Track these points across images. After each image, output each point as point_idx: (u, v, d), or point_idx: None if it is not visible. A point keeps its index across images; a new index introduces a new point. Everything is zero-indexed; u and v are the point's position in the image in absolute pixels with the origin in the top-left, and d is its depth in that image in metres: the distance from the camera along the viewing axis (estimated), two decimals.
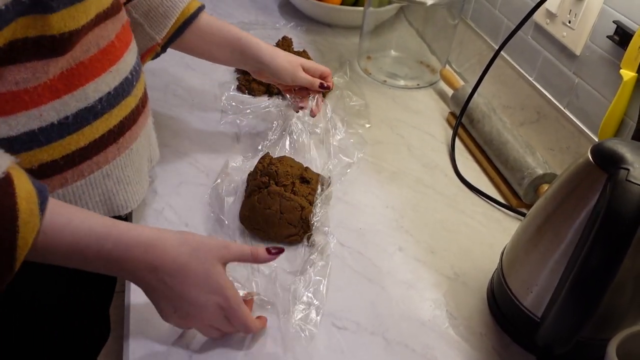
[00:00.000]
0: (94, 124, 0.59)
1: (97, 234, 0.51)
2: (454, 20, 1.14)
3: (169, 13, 0.80)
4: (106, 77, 0.59)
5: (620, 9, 0.77)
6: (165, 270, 0.54)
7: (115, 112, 0.61)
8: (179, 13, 0.80)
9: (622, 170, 0.51)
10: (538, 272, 0.61)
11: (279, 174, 0.75)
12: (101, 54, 0.59)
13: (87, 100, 0.57)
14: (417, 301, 0.69)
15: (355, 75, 1.15)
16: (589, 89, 0.84)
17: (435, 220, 0.82)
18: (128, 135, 0.64)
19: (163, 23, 0.80)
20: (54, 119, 0.55)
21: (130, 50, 0.65)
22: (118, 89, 0.61)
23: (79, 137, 0.57)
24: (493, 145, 0.92)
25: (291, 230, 0.73)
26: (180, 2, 0.81)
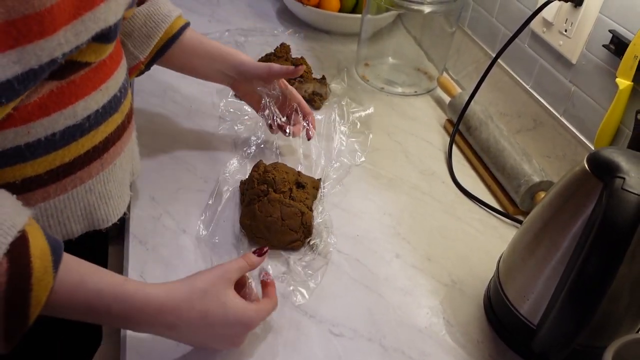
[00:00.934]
0: (80, 140, 0.58)
1: (107, 296, 0.52)
2: (452, 27, 1.14)
3: (151, 34, 0.81)
4: (96, 95, 0.59)
5: (616, 18, 0.78)
6: (184, 326, 0.55)
7: (102, 128, 0.61)
8: (161, 33, 0.81)
9: (618, 179, 0.51)
10: (534, 279, 0.61)
11: (276, 181, 0.76)
12: (92, 72, 0.58)
13: (76, 117, 0.57)
14: (414, 308, 0.70)
15: (353, 82, 1.16)
16: (585, 97, 0.85)
17: (432, 227, 0.82)
18: (112, 151, 0.64)
19: (146, 43, 0.81)
20: (41, 136, 0.54)
21: (120, 67, 0.65)
22: (106, 106, 0.61)
23: (64, 153, 0.57)
24: (490, 153, 0.92)
25: (293, 236, 0.73)
26: (163, 23, 0.81)
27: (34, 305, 0.47)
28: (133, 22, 0.80)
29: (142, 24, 0.80)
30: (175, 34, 0.83)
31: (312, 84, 1.07)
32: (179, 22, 0.84)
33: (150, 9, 0.81)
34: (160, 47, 0.82)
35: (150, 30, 0.81)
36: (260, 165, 0.80)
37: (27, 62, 0.47)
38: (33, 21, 0.46)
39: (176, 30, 0.83)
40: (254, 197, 0.75)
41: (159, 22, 0.81)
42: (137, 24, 0.80)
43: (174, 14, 0.83)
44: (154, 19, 0.81)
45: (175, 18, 0.83)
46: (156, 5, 0.82)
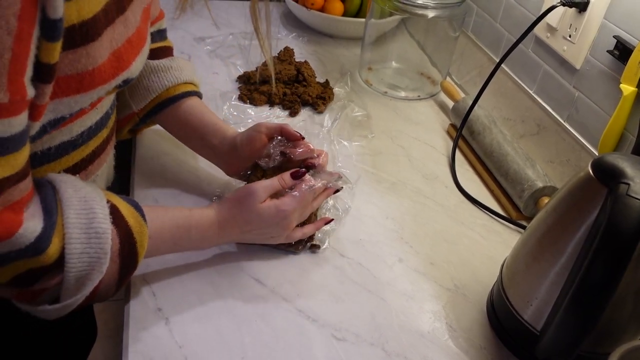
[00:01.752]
0: (72, 153, 0.60)
1: (184, 227, 0.64)
2: (455, 32, 1.14)
3: (153, 87, 0.79)
4: (92, 113, 0.61)
5: (620, 24, 0.78)
6: (241, 229, 0.68)
7: (91, 143, 0.63)
8: (161, 91, 0.79)
9: (623, 184, 0.51)
10: (538, 285, 0.61)
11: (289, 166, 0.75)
12: None
13: (71, 134, 0.59)
14: (416, 313, 0.69)
15: (357, 86, 1.16)
16: (589, 102, 0.85)
17: (435, 232, 0.82)
18: (97, 163, 0.66)
19: (143, 96, 0.79)
20: (37, 149, 0.56)
21: None
22: (99, 123, 0.63)
23: (55, 166, 0.59)
24: (493, 158, 0.92)
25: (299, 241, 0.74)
26: (165, 81, 0.79)
27: (139, 253, 0.58)
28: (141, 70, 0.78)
29: (147, 76, 0.79)
30: (174, 97, 0.79)
31: (316, 88, 1.07)
32: (182, 87, 0.80)
33: (161, 65, 0.80)
34: (155, 105, 0.79)
35: (152, 83, 0.79)
36: (257, 170, 0.76)
37: (59, 112, 0.53)
38: (73, 80, 0.51)
39: (176, 94, 0.79)
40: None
41: (162, 79, 0.79)
42: (143, 73, 0.79)
43: (183, 78, 0.80)
44: (159, 75, 0.79)
45: (182, 82, 0.80)
46: (171, 63, 0.81)
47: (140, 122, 0.82)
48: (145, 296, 0.65)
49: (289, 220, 0.69)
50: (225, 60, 1.16)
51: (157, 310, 0.64)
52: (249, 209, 0.67)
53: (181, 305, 0.65)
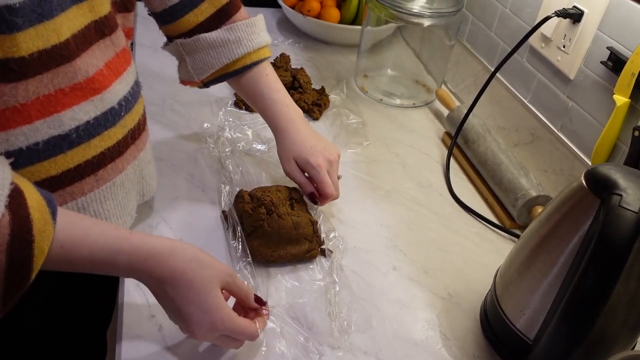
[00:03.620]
0: (68, 153, 0.56)
1: (112, 248, 0.52)
2: (451, 41, 1.15)
3: (212, 63, 0.79)
4: (86, 105, 0.56)
5: (613, 35, 0.79)
6: (171, 283, 0.55)
7: (95, 142, 0.58)
8: (221, 66, 0.80)
9: (615, 195, 0.51)
10: (531, 294, 0.61)
11: (274, 202, 0.73)
12: (86, 82, 0.56)
13: (62, 127, 0.54)
14: (410, 321, 0.69)
15: (352, 93, 1.16)
16: (582, 112, 0.85)
17: (429, 240, 0.83)
18: (110, 168, 0.61)
19: (204, 69, 0.80)
20: (22, 144, 0.52)
21: (121, 79, 0.61)
22: (100, 118, 0.58)
23: (50, 165, 0.54)
24: (487, 166, 0.93)
25: (309, 245, 0.73)
26: (225, 57, 0.79)
27: (37, 257, 0.45)
28: (197, 44, 0.78)
29: (205, 50, 0.79)
30: (237, 70, 0.81)
31: (311, 95, 1.08)
32: (247, 59, 0.81)
33: (219, 37, 0.78)
34: (218, 77, 0.82)
35: (212, 59, 0.79)
36: (243, 194, 0.75)
37: None
38: None
39: (238, 67, 0.81)
40: (257, 221, 0.72)
41: (220, 55, 0.79)
42: (200, 47, 0.78)
43: (240, 52, 0.80)
44: (217, 50, 0.79)
45: (240, 56, 0.80)
46: (228, 35, 0.79)
47: (204, 86, 0.84)
48: (139, 302, 0.65)
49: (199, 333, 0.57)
50: None
51: (150, 317, 0.64)
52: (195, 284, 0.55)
53: None
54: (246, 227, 0.73)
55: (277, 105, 0.81)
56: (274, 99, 0.82)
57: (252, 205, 0.74)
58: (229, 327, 0.57)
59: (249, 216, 0.73)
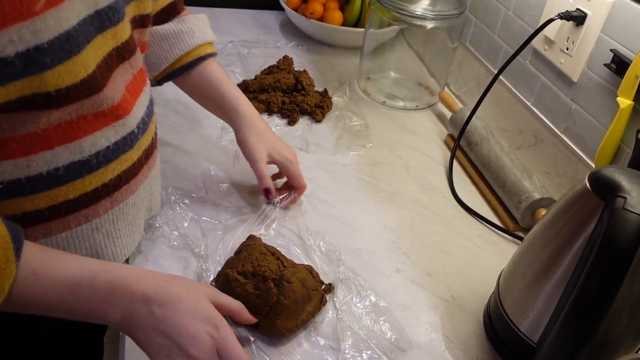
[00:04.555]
0: (87, 177, 0.55)
1: (90, 269, 0.51)
2: (454, 43, 1.15)
3: (165, 57, 0.79)
4: (107, 131, 0.55)
5: (617, 37, 0.79)
6: (157, 300, 0.52)
7: (113, 166, 0.57)
8: (175, 58, 0.79)
9: (619, 198, 0.51)
10: (535, 297, 0.61)
11: (274, 270, 0.66)
12: (110, 109, 0.55)
13: (82, 153, 0.53)
14: (413, 324, 0.69)
15: (355, 95, 1.16)
16: (586, 115, 0.85)
17: (432, 242, 0.82)
18: (125, 189, 0.60)
19: (157, 64, 0.79)
20: (42, 170, 0.51)
21: (139, 102, 0.60)
22: (119, 143, 0.57)
23: (68, 190, 0.54)
24: (491, 168, 0.93)
25: (319, 295, 0.67)
26: (177, 50, 0.78)
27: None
28: (151, 38, 0.76)
29: (158, 44, 0.78)
30: (186, 65, 0.80)
31: (314, 97, 1.08)
32: (196, 52, 0.80)
33: (171, 29, 0.78)
34: (170, 72, 0.81)
35: (163, 52, 0.78)
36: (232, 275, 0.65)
37: None
38: None
39: (189, 61, 0.80)
40: (271, 298, 0.63)
41: (173, 47, 0.78)
42: (152, 40, 0.77)
43: (194, 42, 0.79)
44: (170, 42, 0.78)
45: (194, 47, 0.79)
46: (181, 26, 0.79)
47: (157, 84, 0.82)
48: None
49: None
50: (225, 69, 1.16)
51: None
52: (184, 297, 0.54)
53: None
54: (258, 309, 0.63)
55: (237, 97, 0.81)
56: (232, 91, 0.82)
57: (253, 283, 0.65)
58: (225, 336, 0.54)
59: (257, 297, 0.64)
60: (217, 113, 0.85)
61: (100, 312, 0.52)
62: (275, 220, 0.80)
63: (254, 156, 0.79)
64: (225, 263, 0.70)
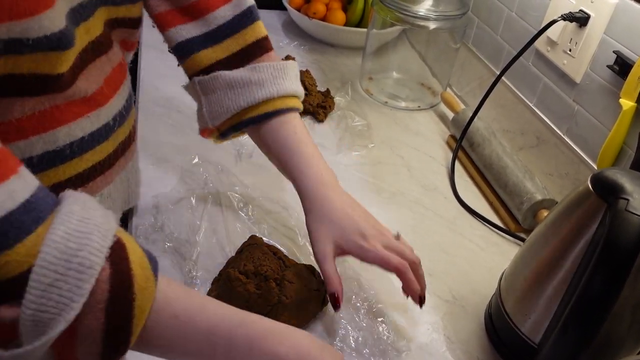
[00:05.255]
0: (61, 167, 0.53)
1: (231, 320, 0.47)
2: (456, 44, 1.15)
3: (228, 106, 0.69)
4: (82, 122, 0.54)
5: (620, 39, 0.79)
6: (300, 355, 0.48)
7: (87, 156, 0.55)
8: (238, 109, 0.69)
9: (622, 200, 0.51)
10: (536, 298, 0.61)
11: (275, 269, 0.66)
12: (82, 100, 0.53)
13: (56, 143, 0.52)
14: (414, 324, 0.69)
15: (357, 95, 1.16)
16: (588, 116, 0.85)
17: (433, 243, 0.82)
18: (100, 180, 0.58)
19: (219, 113, 0.70)
20: None
21: (118, 95, 0.59)
22: (94, 134, 0.55)
23: (41, 179, 0.50)
24: (493, 169, 0.93)
25: (320, 295, 0.67)
26: (243, 100, 0.69)
27: (137, 317, 0.41)
28: (214, 83, 0.69)
29: (223, 90, 0.69)
30: (251, 119, 0.69)
31: (316, 97, 1.08)
32: (270, 105, 0.69)
33: (239, 77, 0.68)
34: (236, 124, 0.70)
35: (227, 101, 0.69)
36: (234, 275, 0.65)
37: None
38: None
39: (258, 114, 0.69)
40: (272, 298, 0.63)
41: (238, 97, 0.69)
42: (218, 86, 0.69)
43: (263, 94, 0.68)
44: (235, 91, 0.69)
45: (262, 100, 0.68)
46: (251, 75, 0.69)
47: (222, 137, 0.73)
48: None
49: None
50: None
51: None
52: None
53: None
54: (260, 309, 0.63)
55: (308, 162, 0.68)
56: (303, 154, 0.68)
57: (255, 282, 0.64)
58: None
59: (258, 297, 0.64)
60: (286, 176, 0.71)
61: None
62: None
63: (316, 252, 0.65)
64: (227, 262, 0.70)
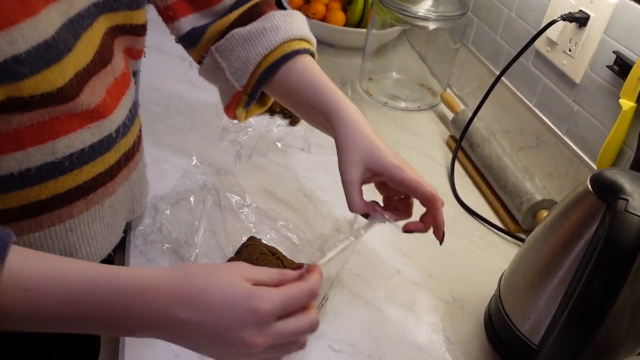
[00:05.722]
0: (60, 178, 0.53)
1: (94, 283, 0.44)
2: (456, 44, 1.15)
3: (248, 58, 0.68)
4: (82, 133, 0.53)
5: (620, 39, 0.79)
6: (185, 297, 0.45)
7: (88, 168, 0.55)
8: (259, 58, 0.67)
9: (621, 200, 0.51)
10: (536, 299, 0.61)
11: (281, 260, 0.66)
12: (84, 112, 0.53)
13: (55, 155, 0.52)
14: (414, 325, 0.69)
15: (357, 96, 1.16)
16: (588, 117, 0.85)
17: (433, 243, 0.82)
18: (101, 192, 0.58)
19: (243, 70, 0.68)
20: (14, 170, 0.50)
21: (121, 105, 0.59)
22: (95, 146, 0.55)
23: (40, 190, 0.52)
24: (492, 170, 0.92)
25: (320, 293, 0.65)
26: (261, 47, 0.67)
27: None
28: (232, 42, 0.68)
29: (240, 45, 0.68)
30: (276, 62, 0.67)
31: None
32: (284, 48, 0.67)
33: (253, 29, 0.68)
34: (258, 78, 0.68)
35: (245, 54, 0.68)
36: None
37: None
38: None
39: (277, 58, 0.67)
40: None
41: (256, 46, 0.67)
42: (236, 44, 0.68)
43: (278, 39, 0.67)
44: (253, 42, 0.67)
45: (279, 44, 0.67)
46: (264, 23, 0.68)
47: (250, 99, 0.71)
48: None
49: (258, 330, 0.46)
50: None
51: None
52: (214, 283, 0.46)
53: None
54: None
55: (339, 93, 0.67)
56: (333, 88, 0.67)
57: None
58: (280, 301, 0.46)
59: None
60: (314, 120, 0.70)
61: (121, 328, 0.46)
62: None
63: (344, 179, 0.64)
64: (227, 262, 0.70)
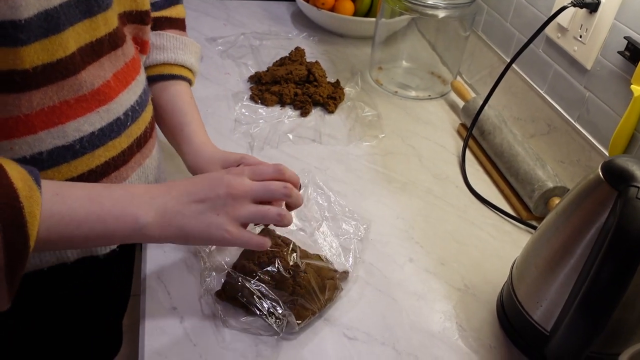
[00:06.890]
0: (72, 162, 0.56)
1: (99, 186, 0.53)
2: (466, 32, 1.15)
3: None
4: (91, 117, 0.56)
5: (631, 25, 0.78)
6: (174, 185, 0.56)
7: (99, 152, 0.58)
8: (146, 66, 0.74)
9: (633, 188, 0.51)
10: (548, 286, 0.61)
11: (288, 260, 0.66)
12: (91, 94, 0.55)
13: (66, 138, 0.54)
14: (427, 312, 0.70)
15: (367, 85, 1.17)
16: (599, 103, 0.85)
17: (445, 232, 0.83)
18: (114, 176, 0.61)
19: None
20: (26, 153, 0.52)
21: (129, 89, 0.61)
22: (105, 129, 0.58)
23: (53, 174, 0.54)
24: (504, 158, 0.93)
25: (334, 284, 0.68)
26: (150, 59, 0.75)
27: (30, 222, 0.45)
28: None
29: None
30: (151, 77, 0.74)
31: (327, 88, 1.08)
32: (166, 69, 0.76)
33: (156, 41, 0.76)
34: None
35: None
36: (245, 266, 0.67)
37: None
38: None
39: (153, 74, 0.75)
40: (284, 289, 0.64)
41: (149, 56, 0.75)
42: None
43: (164, 58, 0.75)
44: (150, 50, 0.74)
45: (162, 62, 0.76)
46: (154, 39, 0.75)
47: None
48: (160, 295, 0.67)
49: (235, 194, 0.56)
50: (237, 61, 1.17)
51: (172, 308, 0.65)
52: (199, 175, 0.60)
53: (196, 304, 0.66)
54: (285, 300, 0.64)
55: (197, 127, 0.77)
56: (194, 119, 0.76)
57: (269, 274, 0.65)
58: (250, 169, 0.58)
59: (273, 287, 0.65)
60: (169, 137, 0.79)
61: (130, 216, 0.52)
62: None
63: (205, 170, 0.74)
64: (241, 254, 0.71)
